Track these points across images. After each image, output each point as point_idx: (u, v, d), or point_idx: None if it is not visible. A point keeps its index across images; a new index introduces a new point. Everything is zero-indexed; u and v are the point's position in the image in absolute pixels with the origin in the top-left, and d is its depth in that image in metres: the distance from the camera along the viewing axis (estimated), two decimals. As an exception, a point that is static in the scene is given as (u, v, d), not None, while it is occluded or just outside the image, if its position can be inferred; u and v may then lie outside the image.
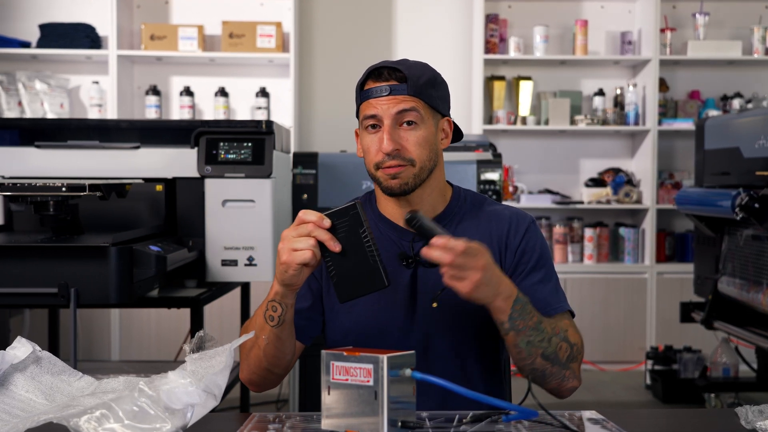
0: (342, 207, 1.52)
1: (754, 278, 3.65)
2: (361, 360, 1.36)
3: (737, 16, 5.59)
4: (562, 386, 1.69)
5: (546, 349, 1.62)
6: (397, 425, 1.36)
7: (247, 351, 1.70)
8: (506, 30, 5.51)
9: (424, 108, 1.71)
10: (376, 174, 1.72)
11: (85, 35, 5.15)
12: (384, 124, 1.69)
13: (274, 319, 1.61)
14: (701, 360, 4.58)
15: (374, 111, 1.70)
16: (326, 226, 1.50)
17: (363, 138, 1.74)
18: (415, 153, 1.70)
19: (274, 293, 1.59)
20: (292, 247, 1.51)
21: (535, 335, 1.61)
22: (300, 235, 1.51)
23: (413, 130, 1.70)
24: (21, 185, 2.47)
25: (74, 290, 2.36)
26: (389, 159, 1.69)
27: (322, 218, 1.50)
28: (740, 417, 1.47)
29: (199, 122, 3.08)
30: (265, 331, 1.62)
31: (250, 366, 1.71)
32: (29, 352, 1.48)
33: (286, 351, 1.68)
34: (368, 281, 1.51)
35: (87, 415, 1.28)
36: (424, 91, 1.71)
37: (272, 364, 1.69)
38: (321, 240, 1.50)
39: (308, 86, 5.57)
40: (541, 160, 5.67)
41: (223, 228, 2.93)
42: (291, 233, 1.52)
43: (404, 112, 1.69)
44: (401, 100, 1.69)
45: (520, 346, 1.61)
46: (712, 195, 3.82)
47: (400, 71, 1.70)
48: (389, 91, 1.69)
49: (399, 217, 1.77)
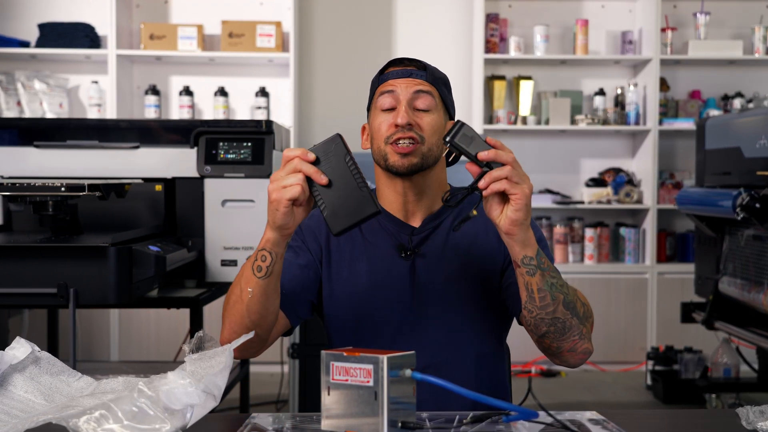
0: (325, 140, 1.52)
1: (755, 278, 3.64)
2: (360, 360, 1.35)
3: (738, 16, 5.58)
4: (579, 346, 1.66)
5: (567, 296, 1.61)
6: (397, 426, 1.36)
7: (230, 307, 1.65)
8: (506, 29, 5.50)
9: (438, 98, 1.77)
10: (384, 149, 1.73)
11: (84, 35, 5.14)
12: (400, 102, 1.73)
13: (262, 270, 1.57)
14: (702, 360, 4.57)
15: (392, 87, 1.74)
16: (311, 159, 1.50)
17: (374, 119, 1.76)
18: (427, 132, 1.73)
19: (264, 241, 1.57)
20: (280, 185, 1.50)
21: (557, 278, 1.60)
22: (287, 173, 1.50)
23: (427, 114, 1.74)
24: (20, 185, 2.47)
25: (73, 290, 2.36)
26: (402, 131, 1.71)
27: (306, 152, 1.50)
28: (741, 417, 1.46)
29: (198, 122, 3.08)
30: (251, 282, 1.59)
31: (232, 324, 1.65)
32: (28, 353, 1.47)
33: (270, 308, 1.63)
34: (359, 209, 1.51)
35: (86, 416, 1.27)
36: (439, 85, 1.78)
37: (255, 322, 1.63)
38: (307, 173, 1.50)
39: (308, 86, 5.56)
40: (542, 160, 5.66)
41: (222, 228, 2.93)
42: (279, 173, 1.52)
43: (421, 93, 1.74)
44: (420, 83, 1.74)
45: (545, 289, 1.58)
46: (713, 195, 3.81)
47: (420, 62, 1.77)
48: (410, 74, 1.75)
49: (398, 209, 1.79)
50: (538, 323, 1.63)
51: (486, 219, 1.78)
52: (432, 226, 1.79)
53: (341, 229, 1.52)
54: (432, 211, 1.80)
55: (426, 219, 1.79)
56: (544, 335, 1.64)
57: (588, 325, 1.67)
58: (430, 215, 1.80)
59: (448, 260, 1.77)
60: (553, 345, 1.65)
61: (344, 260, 1.79)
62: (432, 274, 1.76)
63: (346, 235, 1.74)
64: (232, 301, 1.64)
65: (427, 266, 1.76)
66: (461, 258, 1.78)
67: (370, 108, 1.80)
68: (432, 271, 1.76)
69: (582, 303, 1.67)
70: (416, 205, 1.79)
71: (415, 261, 1.77)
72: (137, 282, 2.45)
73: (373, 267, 1.77)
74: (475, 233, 1.80)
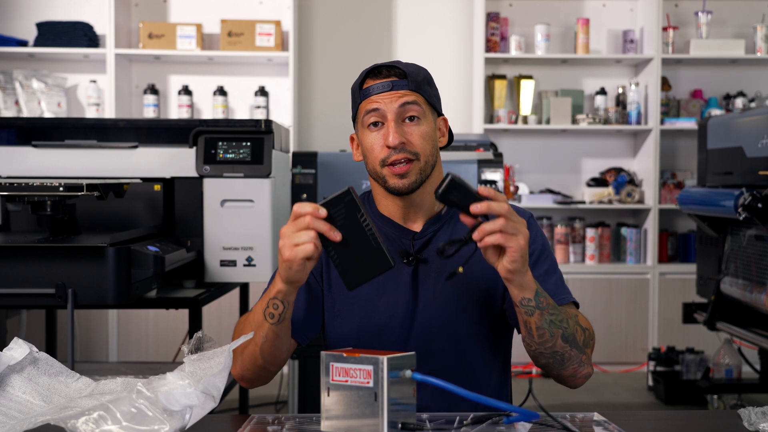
0: (336, 195, 1.49)
1: (757, 279, 3.63)
2: (360, 361, 1.35)
3: (740, 15, 5.57)
4: (579, 372, 1.66)
5: (566, 330, 1.61)
6: (397, 427, 1.35)
7: (241, 347, 1.67)
8: (507, 28, 5.49)
9: (424, 103, 1.73)
10: (381, 172, 1.71)
11: (82, 34, 5.13)
12: (387, 119, 1.69)
13: (274, 317, 1.59)
14: (704, 361, 4.56)
15: (377, 105, 1.70)
16: (323, 216, 1.48)
17: (364, 137, 1.73)
18: (419, 146, 1.70)
19: (276, 291, 1.57)
20: (293, 242, 1.48)
21: (556, 314, 1.59)
22: (299, 229, 1.48)
23: (416, 124, 1.71)
24: (18, 185, 2.46)
25: (71, 291, 2.35)
26: (395, 153, 1.68)
27: (318, 209, 1.48)
28: (743, 419, 1.46)
29: (197, 121, 3.06)
30: (264, 328, 1.61)
31: (244, 363, 1.69)
32: (26, 354, 1.47)
33: (283, 348, 1.67)
34: (373, 264, 1.49)
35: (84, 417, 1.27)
36: (422, 87, 1.73)
37: (268, 362, 1.67)
38: (320, 231, 1.48)
39: (307, 85, 5.55)
40: (543, 160, 5.64)
41: (221, 228, 2.92)
42: (289, 229, 1.49)
43: (407, 105, 1.70)
44: (403, 95, 1.70)
45: (543, 327, 1.58)
46: (715, 195, 3.80)
47: (398, 68, 1.72)
48: (391, 86, 1.70)
49: (398, 215, 1.77)
50: (537, 356, 1.65)
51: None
52: (433, 230, 1.77)
53: (356, 285, 1.52)
54: (432, 214, 1.78)
55: (427, 223, 1.78)
56: (544, 365, 1.66)
57: (588, 351, 1.68)
58: (431, 219, 1.78)
59: (451, 265, 1.74)
60: (553, 372, 1.67)
61: None
62: (435, 280, 1.75)
63: None
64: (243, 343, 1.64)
65: (430, 271, 1.75)
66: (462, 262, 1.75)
67: (356, 122, 1.77)
68: (435, 277, 1.75)
69: (583, 330, 1.67)
70: (417, 211, 1.77)
71: (417, 266, 1.75)
72: (136, 282, 2.45)
73: None
74: None
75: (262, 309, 1.60)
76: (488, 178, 3.67)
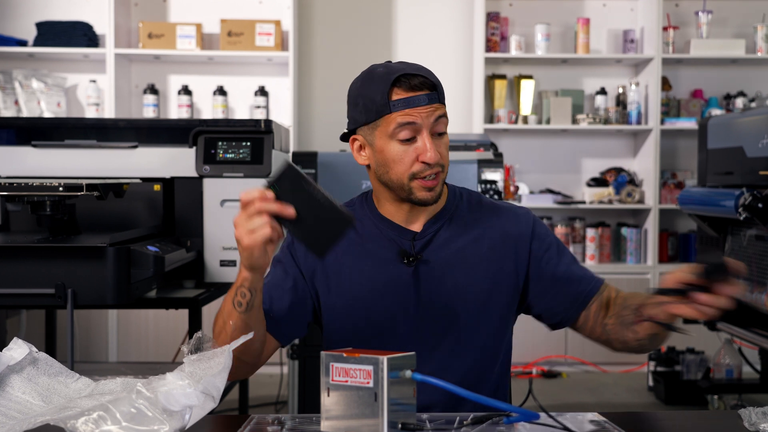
0: (278, 173, 1.49)
1: (757, 279, 3.62)
2: (360, 361, 1.35)
3: (740, 15, 5.56)
4: None
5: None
6: (397, 427, 1.35)
7: (215, 337, 1.67)
8: (507, 28, 5.48)
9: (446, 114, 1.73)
10: (408, 184, 1.70)
11: (82, 33, 5.12)
12: (423, 134, 1.68)
13: (242, 305, 1.59)
14: (704, 361, 4.56)
15: (414, 120, 1.66)
16: (271, 197, 1.48)
17: (390, 147, 1.69)
18: (445, 159, 1.72)
19: (242, 279, 1.57)
20: (248, 229, 1.49)
21: None
22: (250, 215, 1.48)
23: (443, 137, 1.72)
24: (18, 185, 2.47)
25: (71, 291, 2.36)
26: (429, 168, 1.68)
27: (264, 192, 1.48)
28: (743, 419, 1.46)
29: (197, 121, 3.07)
30: (233, 317, 1.60)
31: None
32: (26, 354, 1.47)
33: (255, 340, 1.64)
34: (334, 227, 1.49)
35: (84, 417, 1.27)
36: (443, 97, 1.73)
37: (240, 351, 1.61)
38: (273, 212, 1.47)
39: (307, 85, 5.54)
40: (543, 160, 5.64)
41: (221, 228, 2.92)
42: (242, 217, 1.49)
43: (440, 119, 1.70)
44: (437, 108, 1.69)
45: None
46: (715, 195, 3.79)
47: (425, 78, 1.69)
48: (428, 100, 1.68)
49: (399, 216, 1.77)
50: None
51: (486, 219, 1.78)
52: (434, 230, 1.77)
53: (325, 252, 1.53)
54: (433, 214, 1.78)
55: (427, 223, 1.77)
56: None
57: None
58: (431, 219, 1.77)
59: (452, 265, 1.75)
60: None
61: (344, 271, 1.76)
62: (436, 280, 1.74)
63: (344, 245, 1.74)
64: (216, 331, 1.66)
65: (431, 272, 1.74)
66: (465, 262, 1.75)
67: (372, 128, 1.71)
68: (436, 277, 1.74)
69: None
70: (419, 212, 1.77)
71: (418, 267, 1.74)
72: (135, 282, 2.45)
73: (375, 275, 1.74)
74: (478, 234, 1.78)
75: (231, 298, 1.60)
76: (488, 178, 3.66)
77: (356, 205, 1.83)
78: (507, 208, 1.82)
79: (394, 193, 1.73)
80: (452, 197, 1.81)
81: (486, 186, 3.64)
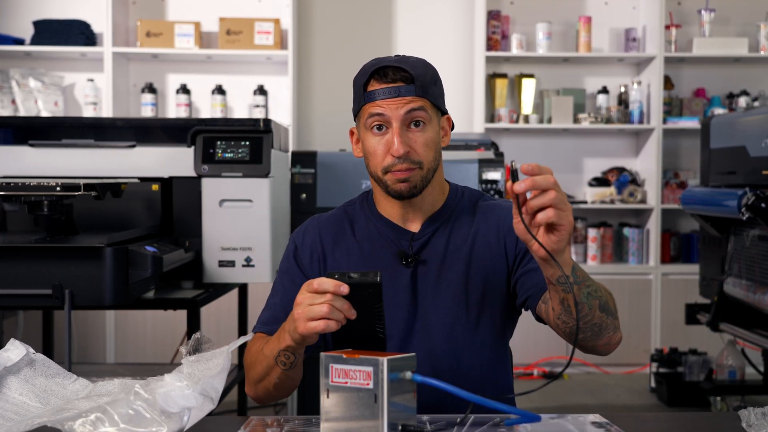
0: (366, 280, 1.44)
1: (760, 279, 3.61)
2: (360, 362, 1.34)
3: (743, 13, 5.54)
4: (613, 338, 1.62)
5: (601, 299, 1.55)
6: (397, 429, 1.35)
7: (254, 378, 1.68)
8: (508, 27, 5.46)
9: (430, 107, 1.70)
10: (383, 177, 1.70)
11: (79, 32, 5.10)
12: (393, 126, 1.67)
13: (286, 365, 1.59)
14: (707, 363, 4.54)
15: (382, 110, 1.67)
16: (344, 293, 1.43)
17: (367, 139, 1.71)
18: (423, 155, 1.69)
19: (287, 345, 1.54)
20: (308, 317, 1.44)
21: (591, 284, 1.54)
22: (316, 303, 1.44)
23: (421, 131, 1.69)
24: (15, 185, 2.46)
25: (69, 291, 2.35)
26: (399, 162, 1.67)
27: (340, 286, 1.43)
28: (742, 420, 1.45)
29: (195, 120, 3.06)
30: (276, 372, 1.61)
31: (257, 391, 1.71)
32: (23, 355, 1.47)
33: (296, 382, 1.68)
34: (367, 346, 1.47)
35: (82, 419, 1.28)
36: (429, 90, 1.70)
37: (281, 395, 1.70)
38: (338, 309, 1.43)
39: (307, 84, 5.52)
40: (544, 159, 5.61)
41: (220, 228, 2.92)
42: (306, 300, 1.45)
43: (413, 112, 1.67)
44: (409, 101, 1.67)
45: (582, 301, 1.52)
46: (718, 194, 3.78)
47: (405, 70, 1.68)
48: (398, 92, 1.67)
49: (397, 216, 1.77)
50: (573, 332, 1.57)
51: (484, 217, 1.76)
52: (432, 230, 1.77)
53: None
54: (430, 213, 1.78)
55: (425, 223, 1.77)
56: (580, 340, 1.59)
57: (617, 314, 1.63)
58: (429, 219, 1.77)
59: (449, 265, 1.75)
60: (588, 344, 1.61)
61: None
62: (434, 281, 1.74)
63: (343, 247, 1.76)
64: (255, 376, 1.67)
65: (429, 272, 1.74)
66: (462, 262, 1.75)
67: (357, 120, 1.74)
68: (434, 278, 1.74)
69: (610, 295, 1.61)
70: (415, 212, 1.77)
71: (416, 268, 1.74)
72: (133, 283, 2.45)
73: None
74: (475, 234, 1.77)
75: (274, 356, 1.59)
76: (489, 178, 3.64)
77: (356, 205, 1.83)
78: (504, 206, 1.81)
79: (383, 189, 1.73)
80: (453, 196, 1.81)
81: (486, 186, 3.62)
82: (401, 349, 1.71)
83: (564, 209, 1.39)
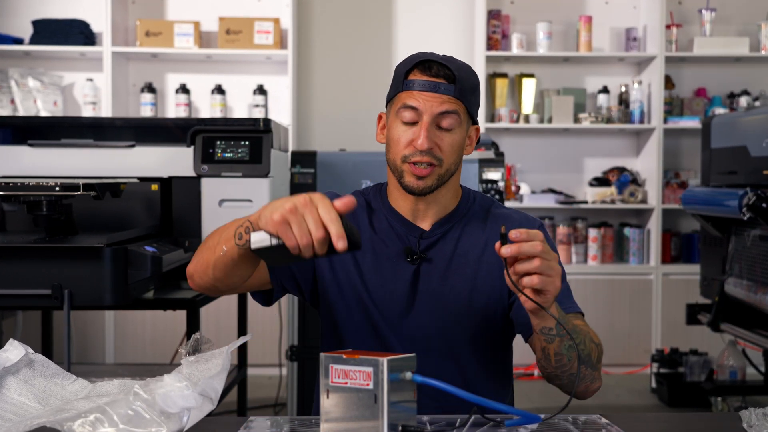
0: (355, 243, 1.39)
1: (761, 279, 3.61)
2: (360, 363, 1.33)
3: (744, 12, 5.54)
4: (590, 388, 1.65)
5: (582, 352, 1.58)
6: (397, 429, 1.34)
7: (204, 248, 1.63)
8: (508, 26, 5.45)
9: (464, 113, 1.70)
10: (401, 166, 1.69)
11: (79, 31, 5.10)
12: (423, 120, 1.66)
13: (242, 238, 1.49)
14: (708, 363, 4.54)
15: (416, 103, 1.66)
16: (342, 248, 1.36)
17: (394, 127, 1.70)
18: (446, 154, 1.68)
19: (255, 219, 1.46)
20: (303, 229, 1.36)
21: (577, 336, 1.57)
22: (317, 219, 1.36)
23: (450, 133, 1.68)
24: (14, 185, 2.46)
25: (68, 291, 2.34)
26: (420, 155, 1.66)
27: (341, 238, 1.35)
28: (743, 420, 1.44)
29: (195, 120, 3.05)
30: (229, 243, 1.53)
31: (196, 265, 1.65)
32: (22, 355, 1.47)
33: (237, 273, 1.60)
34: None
35: (81, 419, 1.27)
36: (467, 96, 1.69)
37: (217, 278, 1.61)
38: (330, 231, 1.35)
39: (307, 83, 5.51)
40: (545, 159, 5.61)
41: (220, 228, 2.89)
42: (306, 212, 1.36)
43: (446, 114, 1.67)
44: (446, 100, 1.67)
45: (561, 353, 1.57)
46: (719, 194, 3.78)
47: (450, 69, 1.67)
48: (437, 88, 1.66)
49: (409, 211, 1.76)
50: (552, 378, 1.64)
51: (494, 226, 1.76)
52: (442, 231, 1.75)
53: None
54: (443, 215, 1.76)
55: (436, 224, 1.75)
56: (557, 385, 1.66)
57: (599, 365, 1.66)
58: (440, 220, 1.76)
59: (454, 269, 1.73)
60: (565, 390, 1.66)
61: (347, 259, 1.74)
62: (436, 281, 1.73)
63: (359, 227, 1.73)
64: (208, 244, 1.62)
65: (433, 273, 1.73)
66: (468, 267, 1.74)
67: (390, 106, 1.73)
68: (436, 279, 1.73)
69: (596, 346, 1.64)
70: (427, 209, 1.75)
71: (420, 266, 1.73)
72: (133, 283, 2.44)
73: (379, 265, 1.74)
74: (486, 241, 1.76)
75: (235, 227, 1.51)
76: (489, 178, 3.64)
77: (370, 194, 1.82)
78: (515, 218, 1.79)
79: (397, 179, 1.72)
80: (465, 200, 1.79)
81: (487, 186, 3.62)
82: (399, 343, 1.71)
83: (550, 274, 1.43)
